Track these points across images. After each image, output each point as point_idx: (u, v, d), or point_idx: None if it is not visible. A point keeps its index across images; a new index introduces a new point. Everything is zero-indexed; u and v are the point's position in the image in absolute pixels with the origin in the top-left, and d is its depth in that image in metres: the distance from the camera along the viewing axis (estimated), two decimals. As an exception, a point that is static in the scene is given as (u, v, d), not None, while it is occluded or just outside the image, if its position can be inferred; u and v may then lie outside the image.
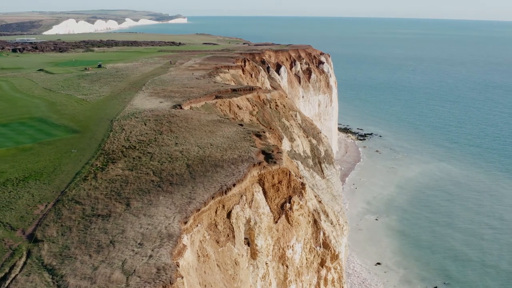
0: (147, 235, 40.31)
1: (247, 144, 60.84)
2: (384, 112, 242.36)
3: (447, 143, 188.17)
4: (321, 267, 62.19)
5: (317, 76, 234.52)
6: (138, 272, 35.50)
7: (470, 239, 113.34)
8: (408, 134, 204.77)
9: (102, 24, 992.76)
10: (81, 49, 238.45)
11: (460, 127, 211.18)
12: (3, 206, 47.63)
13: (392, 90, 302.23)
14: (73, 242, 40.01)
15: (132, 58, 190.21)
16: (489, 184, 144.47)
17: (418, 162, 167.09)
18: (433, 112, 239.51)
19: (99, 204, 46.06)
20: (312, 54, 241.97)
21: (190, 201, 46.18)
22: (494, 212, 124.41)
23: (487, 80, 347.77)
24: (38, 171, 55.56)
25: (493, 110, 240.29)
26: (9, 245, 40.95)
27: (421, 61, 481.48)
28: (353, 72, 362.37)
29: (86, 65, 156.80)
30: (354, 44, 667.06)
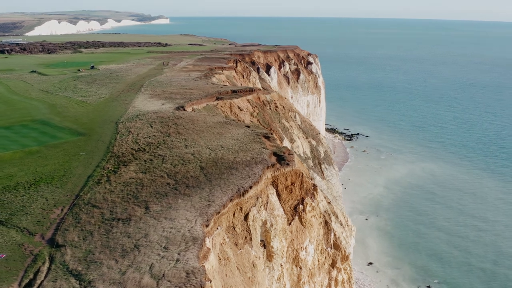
0: (171, 238, 39.97)
1: (258, 146, 60.73)
2: (369, 112, 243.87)
3: (432, 142, 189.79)
4: (332, 268, 62.33)
5: (306, 77, 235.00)
6: (168, 276, 35.17)
7: (456, 239, 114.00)
8: (394, 134, 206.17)
9: (84, 25, 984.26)
10: (69, 50, 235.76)
11: (444, 127, 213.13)
12: (17, 210, 46.88)
13: (375, 90, 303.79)
14: (96, 246, 39.49)
15: (123, 59, 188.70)
16: (473, 184, 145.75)
17: (404, 162, 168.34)
18: (417, 112, 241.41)
19: (118, 208, 45.55)
20: (301, 55, 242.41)
21: (210, 203, 45.92)
22: (477, 211, 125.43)
23: (470, 79, 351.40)
24: (49, 175, 54.78)
25: (476, 110, 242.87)
26: (29, 250, 40.31)
27: (404, 61, 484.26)
28: (336, 72, 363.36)
29: (78, 67, 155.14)
30: (336, 44, 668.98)
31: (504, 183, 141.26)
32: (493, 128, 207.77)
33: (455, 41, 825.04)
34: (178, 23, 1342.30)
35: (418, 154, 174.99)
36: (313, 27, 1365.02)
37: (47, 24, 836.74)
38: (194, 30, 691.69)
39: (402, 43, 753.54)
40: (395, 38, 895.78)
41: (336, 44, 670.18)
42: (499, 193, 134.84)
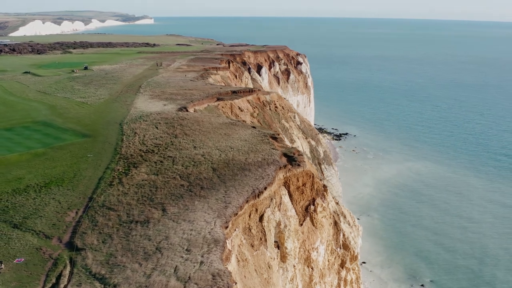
0: (193, 240, 39.72)
1: (268, 147, 60.67)
2: (356, 112, 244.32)
3: (419, 142, 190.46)
4: (341, 268, 62.49)
5: (296, 77, 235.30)
6: (194, 279, 34.95)
7: (447, 238, 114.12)
8: (381, 133, 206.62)
9: (69, 25, 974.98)
10: (59, 51, 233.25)
11: (430, 126, 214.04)
12: (31, 213, 46.24)
13: (362, 89, 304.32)
14: (117, 249, 39.09)
15: (114, 59, 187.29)
16: (459, 183, 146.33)
17: (393, 161, 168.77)
18: (404, 111, 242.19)
19: (134, 210, 45.15)
20: (290, 55, 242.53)
21: (227, 205, 45.74)
22: (463, 210, 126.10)
23: (456, 79, 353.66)
24: (59, 177, 54.14)
25: (462, 109, 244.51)
26: (48, 254, 39.78)
27: (390, 60, 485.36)
28: (323, 72, 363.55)
29: (70, 67, 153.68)
30: (321, 44, 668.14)
31: (490, 182, 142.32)
32: (480, 128, 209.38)
33: (441, 41, 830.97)
34: (163, 23, 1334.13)
35: (405, 154, 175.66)
36: (296, 27, 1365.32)
37: (32, 24, 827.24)
38: (179, 30, 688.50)
39: (387, 43, 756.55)
40: (380, 38, 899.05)
41: (321, 44, 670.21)
42: (484, 192, 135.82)
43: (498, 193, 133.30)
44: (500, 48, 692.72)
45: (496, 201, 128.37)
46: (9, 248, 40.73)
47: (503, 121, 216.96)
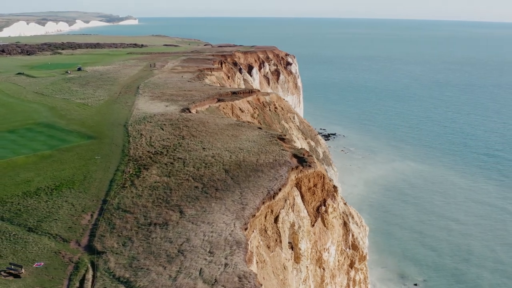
0: (215, 243, 39.54)
1: (277, 148, 60.65)
2: (344, 112, 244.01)
3: (406, 142, 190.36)
4: (350, 268, 62.67)
5: (286, 77, 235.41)
6: (220, 281, 34.78)
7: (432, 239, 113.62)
8: (369, 133, 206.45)
9: (53, 26, 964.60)
10: (48, 52, 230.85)
11: (417, 126, 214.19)
12: (45, 216, 45.70)
13: (349, 89, 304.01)
14: (139, 252, 38.77)
15: (106, 60, 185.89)
16: (445, 183, 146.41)
17: (381, 161, 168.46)
18: (391, 111, 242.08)
19: (151, 213, 44.82)
20: (280, 55, 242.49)
21: (244, 207, 45.61)
22: (448, 211, 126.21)
23: (440, 79, 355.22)
24: (69, 179, 53.56)
25: (448, 109, 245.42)
26: (68, 257, 39.34)
27: (375, 60, 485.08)
28: (308, 72, 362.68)
29: (62, 68, 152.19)
30: (306, 45, 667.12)
31: (474, 182, 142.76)
32: (465, 128, 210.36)
33: (425, 41, 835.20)
34: (147, 24, 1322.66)
35: (393, 154, 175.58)
36: (280, 27, 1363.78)
37: (16, 25, 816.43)
38: (163, 30, 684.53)
39: (372, 43, 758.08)
40: (364, 38, 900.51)
41: (305, 44, 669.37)
42: (469, 192, 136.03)
43: (483, 193, 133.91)
44: (483, 48, 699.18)
45: (480, 201, 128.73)
46: (27, 252, 40.22)
47: (488, 121, 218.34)
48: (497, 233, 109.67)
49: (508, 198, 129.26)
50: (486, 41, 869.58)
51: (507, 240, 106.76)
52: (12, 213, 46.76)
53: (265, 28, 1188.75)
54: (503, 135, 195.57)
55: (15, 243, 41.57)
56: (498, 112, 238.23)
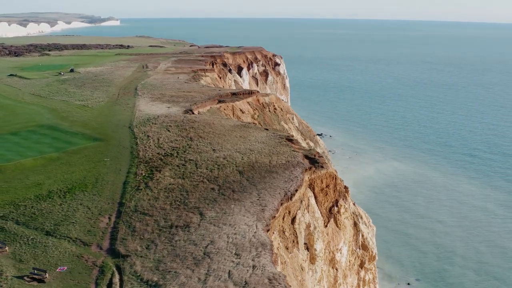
0: (240, 244, 39.37)
1: (288, 149, 60.65)
2: (330, 113, 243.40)
3: (392, 142, 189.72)
4: (360, 268, 62.89)
5: (274, 78, 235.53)
6: (251, 283, 34.65)
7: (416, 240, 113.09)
8: (357, 133, 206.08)
9: (35, 27, 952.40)
10: (36, 53, 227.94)
11: (402, 126, 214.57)
12: (61, 220, 45.06)
13: (333, 90, 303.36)
14: (164, 255, 38.41)
15: (96, 62, 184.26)
16: (431, 184, 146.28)
17: (369, 162, 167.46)
18: (377, 111, 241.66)
19: (171, 215, 44.45)
20: (268, 56, 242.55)
21: (263, 208, 45.50)
22: (432, 210, 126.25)
23: (425, 79, 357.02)
24: (80, 182, 52.88)
25: (432, 109, 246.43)
26: (91, 261, 38.82)
27: (358, 61, 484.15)
28: (291, 72, 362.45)
29: (53, 70, 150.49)
30: (288, 45, 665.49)
31: (458, 183, 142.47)
32: (449, 128, 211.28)
33: (407, 41, 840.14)
34: (129, 25, 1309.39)
35: (380, 154, 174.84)
36: (271, 27, 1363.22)
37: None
38: (146, 31, 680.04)
39: (353, 44, 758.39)
40: (345, 38, 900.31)
41: (286, 44, 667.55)
42: (453, 193, 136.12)
43: (466, 193, 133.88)
44: (463, 48, 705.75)
45: (464, 201, 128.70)
46: (48, 256, 39.62)
47: (471, 122, 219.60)
48: (480, 233, 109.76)
49: (491, 198, 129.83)
50: (466, 41, 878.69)
51: (491, 240, 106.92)
52: (27, 216, 46.05)
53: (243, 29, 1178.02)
54: (486, 135, 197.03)
55: (34, 247, 40.93)
56: (482, 112, 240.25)
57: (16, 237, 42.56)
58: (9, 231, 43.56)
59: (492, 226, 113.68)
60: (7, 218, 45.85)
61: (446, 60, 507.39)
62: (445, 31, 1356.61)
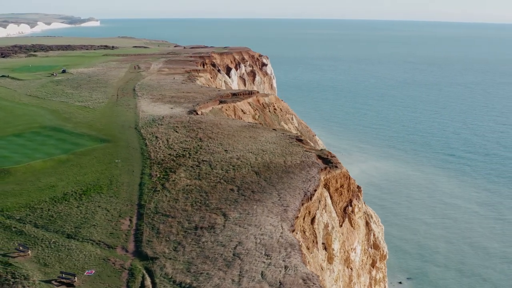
0: (268, 245, 39.18)
1: (300, 149, 60.62)
2: (313, 113, 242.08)
3: (375, 142, 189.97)
4: (372, 267, 63.12)
5: (261, 78, 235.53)
6: (286, 284, 34.48)
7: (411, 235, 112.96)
8: (339, 133, 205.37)
9: (15, 28, 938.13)
10: (23, 54, 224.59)
11: (387, 126, 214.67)
12: (81, 222, 44.35)
13: (316, 90, 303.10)
14: (194, 257, 38.01)
15: (86, 63, 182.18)
16: (422, 181, 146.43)
17: (356, 161, 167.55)
18: (360, 111, 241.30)
19: (194, 217, 44.03)
20: (255, 57, 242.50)
21: (285, 208, 45.38)
22: (425, 207, 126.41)
23: (408, 78, 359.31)
24: (95, 184, 52.15)
25: (417, 108, 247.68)
26: (119, 264, 38.25)
27: (341, 61, 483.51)
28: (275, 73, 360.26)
29: (43, 71, 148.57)
30: (269, 45, 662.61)
31: (440, 183, 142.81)
32: (437, 125, 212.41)
33: (388, 41, 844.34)
34: (109, 26, 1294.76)
35: (364, 154, 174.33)
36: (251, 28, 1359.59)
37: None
38: (127, 32, 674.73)
39: (336, 44, 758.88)
40: (328, 39, 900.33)
41: (267, 45, 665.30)
42: (445, 189, 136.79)
43: (449, 193, 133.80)
44: (445, 47, 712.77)
45: (446, 201, 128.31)
46: (73, 259, 38.93)
47: (454, 122, 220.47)
48: (462, 232, 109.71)
49: (473, 198, 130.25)
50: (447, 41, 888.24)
51: (473, 239, 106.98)
52: (45, 219, 45.22)
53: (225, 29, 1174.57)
54: (467, 134, 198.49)
55: (58, 250, 40.19)
56: (465, 112, 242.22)
57: (37, 240, 41.75)
58: (29, 235, 42.73)
59: (474, 225, 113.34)
60: (25, 221, 44.99)
61: (430, 60, 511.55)
62: (420, 30, 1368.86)
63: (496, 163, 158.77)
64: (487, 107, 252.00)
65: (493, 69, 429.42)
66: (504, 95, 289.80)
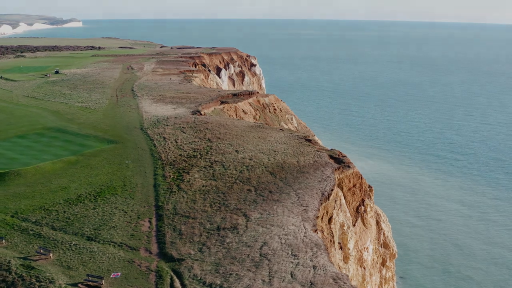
0: (294, 245, 39.05)
1: (311, 149, 60.62)
2: (298, 113, 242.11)
3: (358, 141, 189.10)
4: (382, 266, 63.32)
5: (250, 79, 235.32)
6: (317, 283, 34.38)
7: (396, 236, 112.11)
8: (321, 134, 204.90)
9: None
10: (11, 55, 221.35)
11: (369, 126, 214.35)
12: (100, 224, 43.78)
13: (301, 90, 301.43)
14: (221, 258, 37.73)
15: (77, 63, 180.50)
16: (406, 180, 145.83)
17: None
18: (345, 111, 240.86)
19: (215, 217, 43.72)
20: (244, 57, 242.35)
21: (305, 208, 45.29)
22: (411, 208, 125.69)
23: (392, 78, 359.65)
24: (108, 185, 51.55)
25: (403, 108, 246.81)
26: (145, 266, 37.81)
27: (320, 60, 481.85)
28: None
29: (35, 71, 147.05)
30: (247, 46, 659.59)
31: (423, 182, 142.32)
32: (421, 126, 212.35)
33: (368, 41, 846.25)
34: (92, 26, 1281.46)
35: (351, 154, 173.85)
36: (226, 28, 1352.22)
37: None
38: (111, 33, 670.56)
39: (314, 44, 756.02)
40: (306, 39, 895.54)
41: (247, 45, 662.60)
42: (428, 188, 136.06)
43: (431, 193, 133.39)
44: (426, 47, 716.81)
45: (429, 201, 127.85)
46: (97, 262, 38.40)
47: (436, 122, 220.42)
48: (445, 232, 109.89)
49: (456, 197, 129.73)
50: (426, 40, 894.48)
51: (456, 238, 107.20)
52: (62, 222, 44.58)
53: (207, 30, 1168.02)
54: (450, 134, 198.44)
55: (80, 253, 39.61)
56: (448, 111, 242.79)
57: (57, 243, 41.12)
58: (47, 237, 42.09)
59: (459, 225, 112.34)
60: (41, 224, 44.30)
61: (413, 60, 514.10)
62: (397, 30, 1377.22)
63: (479, 162, 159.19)
64: (470, 107, 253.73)
65: (476, 69, 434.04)
66: (487, 94, 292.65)
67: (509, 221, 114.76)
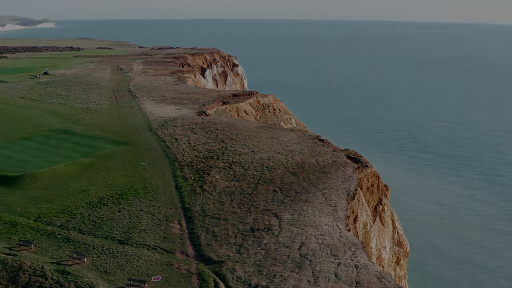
0: (331, 245, 39.00)
1: (327, 149, 60.73)
2: None
3: (340, 142, 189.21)
4: (396, 265, 63.75)
5: (233, 79, 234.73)
6: (362, 283, 34.39)
7: None
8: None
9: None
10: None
11: (352, 125, 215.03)
12: (129, 227, 43.02)
13: (277, 90, 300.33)
14: (261, 259, 37.44)
15: (63, 64, 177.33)
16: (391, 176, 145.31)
17: None
18: (323, 112, 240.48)
19: (247, 219, 43.38)
20: (226, 57, 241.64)
21: (334, 208, 45.32)
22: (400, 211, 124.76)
23: (370, 78, 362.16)
24: (129, 187, 50.73)
25: (384, 107, 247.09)
26: (184, 269, 37.26)
27: (295, 60, 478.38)
28: None
29: (22, 73, 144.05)
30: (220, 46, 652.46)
31: (412, 179, 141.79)
32: (401, 124, 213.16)
33: (343, 41, 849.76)
34: (65, 27, 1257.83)
35: None
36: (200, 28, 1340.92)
37: None
38: (85, 33, 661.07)
39: (286, 44, 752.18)
40: (276, 39, 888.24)
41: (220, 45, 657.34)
42: (405, 190, 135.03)
43: (420, 189, 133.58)
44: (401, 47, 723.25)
45: (430, 200, 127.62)
46: (134, 266, 37.70)
47: (422, 119, 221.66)
48: (435, 228, 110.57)
49: (445, 194, 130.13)
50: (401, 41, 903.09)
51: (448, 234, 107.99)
52: (88, 225, 43.66)
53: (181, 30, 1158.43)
54: (438, 131, 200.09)
55: (114, 257, 38.83)
56: (435, 108, 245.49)
57: (89, 247, 40.23)
58: (77, 241, 41.15)
59: (434, 225, 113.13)
60: (67, 228, 43.31)
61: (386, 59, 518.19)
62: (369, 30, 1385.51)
63: (456, 163, 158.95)
64: (450, 105, 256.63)
65: (454, 67, 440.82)
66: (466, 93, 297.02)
67: (485, 221, 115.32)
